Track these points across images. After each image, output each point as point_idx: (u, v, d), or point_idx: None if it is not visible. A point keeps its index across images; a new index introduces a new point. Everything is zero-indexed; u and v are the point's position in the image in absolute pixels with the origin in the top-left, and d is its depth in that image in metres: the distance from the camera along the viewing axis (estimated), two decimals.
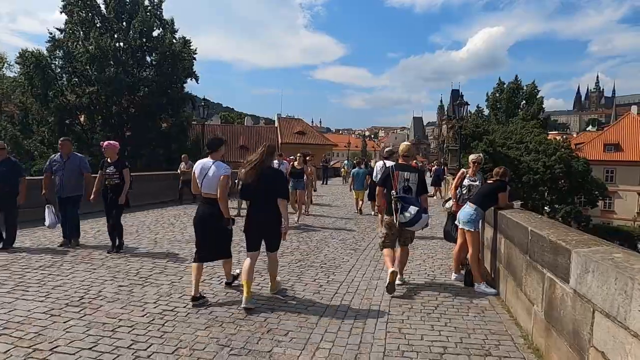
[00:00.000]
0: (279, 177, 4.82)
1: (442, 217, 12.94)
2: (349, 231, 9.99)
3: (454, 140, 29.95)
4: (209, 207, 4.68)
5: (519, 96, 62.60)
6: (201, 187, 4.72)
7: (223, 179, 4.61)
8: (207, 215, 4.68)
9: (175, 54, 36.32)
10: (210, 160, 4.77)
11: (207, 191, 4.70)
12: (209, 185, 4.66)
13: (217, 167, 4.69)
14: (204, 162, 4.80)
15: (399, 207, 5.20)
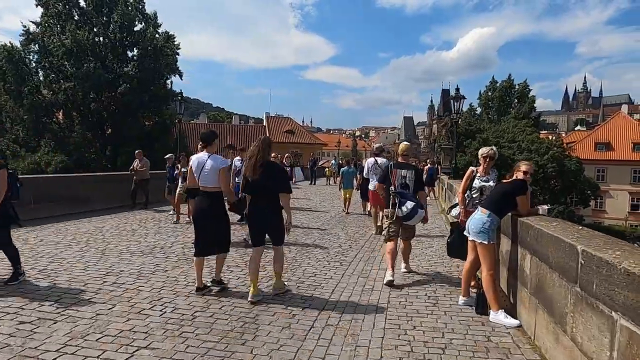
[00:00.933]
0: (280, 172, 4.82)
1: (439, 220, 11.97)
2: (334, 238, 8.78)
3: (447, 139, 28.98)
4: (207, 200, 4.71)
5: (511, 95, 62.06)
6: (199, 180, 4.74)
7: (223, 170, 4.71)
8: (206, 208, 4.71)
9: (157, 49, 34.83)
10: (205, 154, 4.80)
11: (204, 184, 4.73)
12: (206, 178, 4.70)
13: (213, 160, 4.73)
14: (199, 156, 4.83)
15: (397, 201, 5.47)
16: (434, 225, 11.11)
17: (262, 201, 4.59)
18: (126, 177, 12.69)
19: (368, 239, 8.72)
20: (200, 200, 4.80)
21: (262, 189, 4.56)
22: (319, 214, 12.39)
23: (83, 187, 11.94)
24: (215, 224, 4.74)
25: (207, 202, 4.73)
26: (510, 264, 4.54)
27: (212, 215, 4.73)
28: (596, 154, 56.04)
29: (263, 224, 4.66)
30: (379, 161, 9.44)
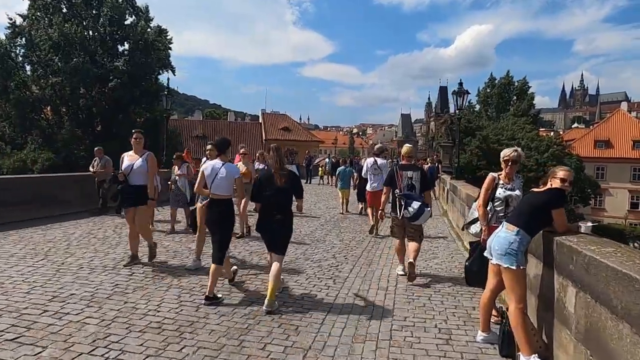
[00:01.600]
0: (296, 179, 4.85)
1: (441, 224, 11.15)
2: (328, 246, 7.90)
3: (446, 136, 28.14)
4: (218, 207, 4.75)
5: (510, 92, 61.29)
6: (210, 188, 4.76)
7: (239, 179, 4.84)
8: (217, 215, 4.75)
9: (148, 43, 33.80)
10: (220, 162, 4.82)
11: (216, 192, 4.77)
12: (218, 186, 4.74)
13: (227, 169, 4.78)
14: (213, 163, 4.84)
15: (403, 203, 5.61)
16: (436, 229, 10.28)
17: (275, 211, 4.57)
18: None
19: (365, 248, 7.85)
20: (212, 208, 4.82)
21: (282, 197, 4.60)
22: (312, 218, 11.49)
23: (60, 188, 11.00)
24: (222, 233, 4.75)
25: (217, 210, 4.76)
26: (542, 291, 3.68)
27: (221, 222, 4.76)
28: (595, 151, 55.39)
29: (272, 234, 4.65)
30: (379, 162, 9.26)
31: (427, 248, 7.91)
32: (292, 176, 4.71)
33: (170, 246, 7.46)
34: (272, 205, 4.59)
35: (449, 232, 9.97)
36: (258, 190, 4.65)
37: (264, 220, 4.63)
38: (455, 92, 13.22)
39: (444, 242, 8.72)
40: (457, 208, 9.91)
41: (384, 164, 9.31)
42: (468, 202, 7.96)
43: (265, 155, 9.80)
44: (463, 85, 13.13)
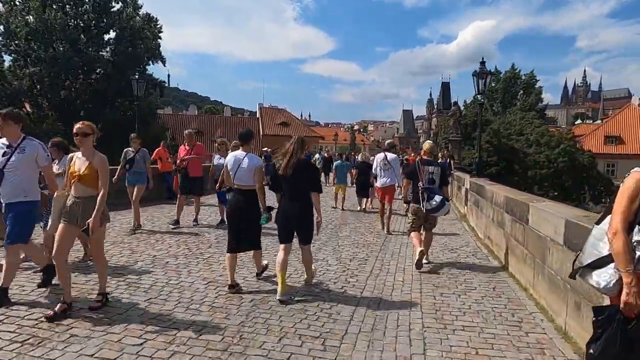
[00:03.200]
0: (313, 170, 4.93)
1: (464, 233, 8.75)
2: (321, 270, 5.75)
3: (455, 130, 25.96)
4: (241, 197, 4.77)
5: (517, 86, 59.05)
6: (233, 178, 4.79)
7: (258, 170, 4.76)
8: (240, 205, 4.75)
9: (135, 31, 31.66)
10: (242, 152, 4.84)
11: (239, 182, 4.79)
12: (241, 176, 4.75)
13: (250, 159, 4.77)
14: (236, 154, 4.87)
15: (425, 196, 5.87)
16: (459, 240, 8.16)
17: (294, 200, 4.58)
18: None
19: (370, 273, 5.70)
20: (235, 198, 4.84)
21: (295, 187, 4.56)
22: None
23: None
24: (248, 222, 4.76)
25: (241, 200, 4.76)
26: None
27: (247, 212, 4.75)
28: (606, 147, 53.24)
29: (292, 223, 4.62)
30: (389, 157, 9.14)
31: (455, 272, 5.81)
32: (306, 167, 4.71)
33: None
34: (288, 195, 4.62)
35: (476, 244, 7.85)
36: (274, 180, 4.73)
37: (282, 211, 4.66)
38: (477, 73, 11.07)
39: (476, 261, 6.60)
40: (487, 214, 7.81)
41: (394, 159, 9.27)
42: (512, 210, 5.83)
43: (227, 145, 8.48)
44: (485, 66, 10.98)
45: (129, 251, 6.24)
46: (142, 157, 7.83)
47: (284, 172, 4.51)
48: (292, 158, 4.52)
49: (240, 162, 4.75)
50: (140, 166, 7.76)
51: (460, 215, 11.67)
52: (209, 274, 5.26)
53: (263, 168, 4.87)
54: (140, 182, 7.78)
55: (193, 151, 8.41)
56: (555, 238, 4.09)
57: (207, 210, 10.31)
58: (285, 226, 4.64)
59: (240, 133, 5.06)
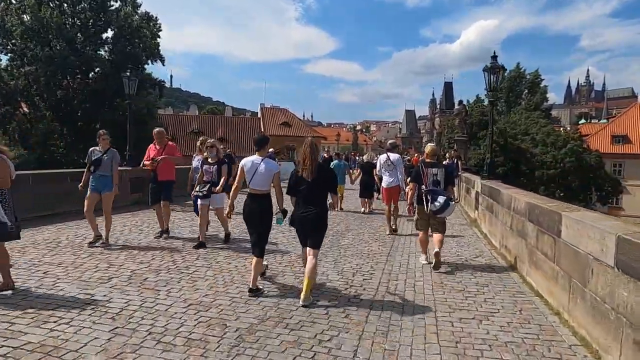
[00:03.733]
0: (330, 173, 4.95)
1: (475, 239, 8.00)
2: (320, 292, 5.07)
3: (460, 130, 25.26)
4: (257, 202, 4.80)
5: (521, 85, 58.15)
6: (250, 183, 4.79)
7: (276, 174, 4.80)
8: (256, 210, 4.78)
9: (133, 30, 31.04)
10: (259, 157, 4.85)
11: (255, 187, 4.80)
12: (258, 181, 4.77)
13: (266, 164, 4.81)
14: (253, 159, 4.86)
15: (429, 198, 5.96)
16: (471, 249, 7.46)
17: (311, 204, 4.63)
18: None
19: (376, 291, 5.01)
20: (251, 202, 4.83)
21: (313, 191, 4.63)
22: None
23: None
24: (262, 227, 4.80)
25: (257, 205, 4.79)
26: None
27: (262, 217, 4.79)
28: (613, 147, 52.39)
29: (307, 227, 4.67)
30: (392, 157, 9.02)
31: (468, 283, 5.12)
32: (324, 171, 4.78)
33: None
34: (305, 200, 4.66)
35: (491, 254, 7.15)
36: (293, 185, 4.75)
37: (299, 215, 4.70)
38: (488, 68, 10.34)
39: (493, 275, 5.89)
40: (504, 221, 7.10)
41: (397, 159, 9.07)
42: (538, 219, 5.12)
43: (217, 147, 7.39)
44: (497, 60, 10.23)
45: (105, 264, 5.57)
46: (111, 158, 6.64)
47: (307, 178, 4.59)
48: (314, 162, 4.63)
49: (258, 167, 4.77)
50: (107, 169, 6.59)
51: (471, 220, 10.97)
52: (191, 294, 4.58)
53: (280, 172, 4.92)
54: (108, 188, 6.63)
55: (164, 151, 7.34)
56: (600, 257, 3.39)
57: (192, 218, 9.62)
58: (303, 230, 4.74)
59: (256, 138, 5.10)
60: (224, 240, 7.19)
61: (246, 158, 4.98)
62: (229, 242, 7.14)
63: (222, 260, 6.04)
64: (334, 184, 4.91)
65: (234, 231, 7.65)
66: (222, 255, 6.32)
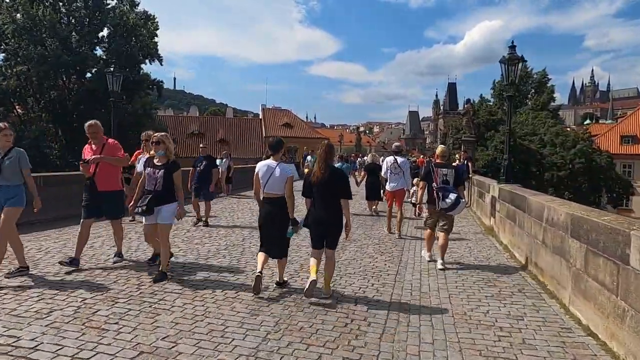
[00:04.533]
0: (343, 177, 4.85)
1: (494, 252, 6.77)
2: (315, 332, 4.07)
3: (468, 130, 24.19)
4: (272, 206, 4.78)
5: (528, 84, 56.89)
6: (264, 187, 4.77)
7: (290, 179, 4.78)
8: (272, 214, 4.77)
9: (129, 29, 30.15)
10: (274, 162, 4.83)
11: (270, 191, 4.78)
12: (273, 185, 4.75)
13: (281, 168, 4.78)
14: (268, 163, 4.84)
15: (440, 195, 6.10)
16: (492, 267, 6.39)
17: (324, 206, 4.64)
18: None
19: (384, 331, 3.98)
20: (266, 207, 4.82)
21: (326, 194, 4.63)
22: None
23: None
24: (279, 230, 4.76)
25: (272, 209, 4.78)
26: None
27: (278, 221, 4.75)
28: (622, 147, 51.20)
29: (322, 229, 4.68)
30: (399, 160, 8.85)
31: (508, 324, 4.10)
32: (336, 174, 4.74)
33: None
34: (319, 202, 4.68)
35: (520, 275, 6.10)
36: (308, 187, 4.76)
37: (313, 218, 4.71)
38: (506, 60, 9.25)
39: (527, 302, 4.86)
40: (533, 234, 6.06)
41: (404, 162, 8.95)
42: (589, 237, 4.06)
43: (167, 143, 5.40)
44: (516, 50, 9.16)
45: (53, 291, 4.56)
46: (15, 161, 4.83)
47: (317, 179, 4.61)
48: (324, 165, 4.64)
49: (273, 171, 4.75)
50: (10, 176, 4.80)
51: (485, 229, 9.91)
52: (146, 337, 3.55)
53: (294, 177, 4.92)
54: (12, 201, 4.81)
55: (103, 151, 5.50)
56: None
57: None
58: (317, 232, 4.72)
59: (270, 143, 5.03)
60: (150, 262, 5.65)
61: (261, 162, 4.96)
62: (155, 264, 5.51)
63: (199, 284, 5.03)
64: (347, 188, 4.73)
65: (215, 245, 6.63)
66: (200, 277, 5.31)
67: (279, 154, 4.90)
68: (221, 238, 7.74)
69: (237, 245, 7.17)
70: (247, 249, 6.93)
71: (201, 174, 9.21)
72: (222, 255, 6.47)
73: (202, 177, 9.19)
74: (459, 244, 7.97)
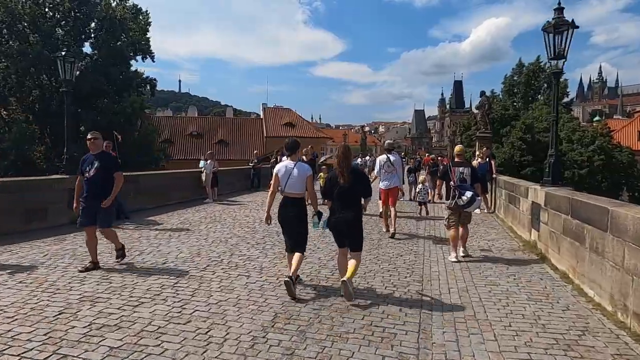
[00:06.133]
0: (365, 178, 5.06)
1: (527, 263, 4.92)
2: None
3: (483, 125, 21.99)
4: (292, 206, 4.87)
5: (540, 79, 54.35)
6: (285, 187, 4.87)
7: (309, 177, 4.90)
8: (290, 213, 4.86)
9: (115, 23, 28.20)
10: (292, 162, 4.97)
11: (290, 191, 4.88)
12: (292, 185, 4.85)
13: (299, 168, 4.91)
14: (286, 164, 4.98)
15: (457, 193, 6.37)
16: (557, 311, 4.22)
17: (346, 207, 4.69)
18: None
19: None
20: (286, 205, 4.90)
21: (348, 195, 4.69)
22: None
23: None
24: (297, 227, 4.86)
25: (291, 208, 4.86)
26: None
27: (297, 219, 4.85)
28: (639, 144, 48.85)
29: (344, 229, 4.73)
30: (392, 158, 8.69)
31: None
32: (357, 175, 4.85)
33: None
34: (340, 203, 4.71)
35: (609, 329, 3.97)
36: (328, 188, 4.87)
37: (335, 219, 4.74)
38: (551, 27, 6.99)
39: None
40: (623, 266, 3.96)
41: (397, 161, 8.81)
42: None
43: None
44: (563, 13, 7.00)
45: None
46: None
47: (339, 183, 4.68)
48: (347, 167, 4.71)
49: (291, 171, 4.85)
50: None
51: (524, 245, 7.74)
52: None
53: (312, 175, 5.02)
54: None
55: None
56: None
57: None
58: (340, 232, 4.78)
59: (287, 143, 5.17)
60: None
61: (280, 163, 5.20)
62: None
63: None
64: (369, 188, 4.90)
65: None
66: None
67: (296, 154, 5.04)
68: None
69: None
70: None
71: (91, 185, 5.52)
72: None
73: (92, 190, 5.51)
74: (496, 268, 5.92)
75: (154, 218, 10.05)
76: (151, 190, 12.03)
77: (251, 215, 10.77)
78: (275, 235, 7.75)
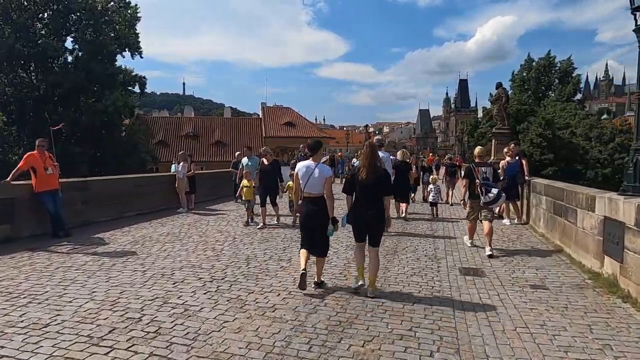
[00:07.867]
0: (387, 176, 5.09)
1: (596, 304, 2.77)
2: None
3: (500, 120, 19.63)
4: (313, 206, 4.90)
5: (551, 75, 51.79)
6: (305, 187, 4.90)
7: (329, 179, 4.91)
8: (313, 213, 4.88)
9: (97, 15, 26.10)
10: (313, 163, 4.99)
11: (310, 191, 4.91)
12: (313, 185, 4.88)
13: (320, 169, 4.92)
14: (307, 164, 4.99)
15: (484, 190, 6.66)
16: None
17: (368, 203, 4.73)
18: None
19: None
20: (307, 206, 4.94)
21: (371, 193, 4.73)
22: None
23: None
24: (319, 228, 4.84)
25: (313, 208, 4.88)
26: None
27: (319, 219, 4.85)
28: None
29: (366, 224, 4.77)
30: (381, 155, 7.74)
31: None
32: (381, 173, 4.86)
33: None
34: (362, 200, 4.76)
35: None
36: (350, 185, 4.88)
37: (357, 215, 4.78)
38: None
39: None
40: None
41: (386, 158, 8.25)
42: None
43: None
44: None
45: None
46: None
47: (363, 180, 4.67)
48: (371, 164, 4.72)
49: (312, 172, 4.87)
50: None
51: (600, 281, 5.39)
52: None
53: (333, 177, 5.24)
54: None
55: None
56: None
57: None
58: (360, 228, 4.82)
59: (309, 144, 5.28)
60: None
61: (300, 163, 5.15)
62: None
63: None
64: (389, 187, 5.01)
65: None
66: None
67: (318, 155, 5.09)
68: None
69: None
70: None
71: None
72: None
73: None
74: (569, 326, 3.64)
75: (102, 235, 7.88)
76: (106, 198, 9.78)
77: (225, 230, 8.52)
78: (244, 265, 5.58)
